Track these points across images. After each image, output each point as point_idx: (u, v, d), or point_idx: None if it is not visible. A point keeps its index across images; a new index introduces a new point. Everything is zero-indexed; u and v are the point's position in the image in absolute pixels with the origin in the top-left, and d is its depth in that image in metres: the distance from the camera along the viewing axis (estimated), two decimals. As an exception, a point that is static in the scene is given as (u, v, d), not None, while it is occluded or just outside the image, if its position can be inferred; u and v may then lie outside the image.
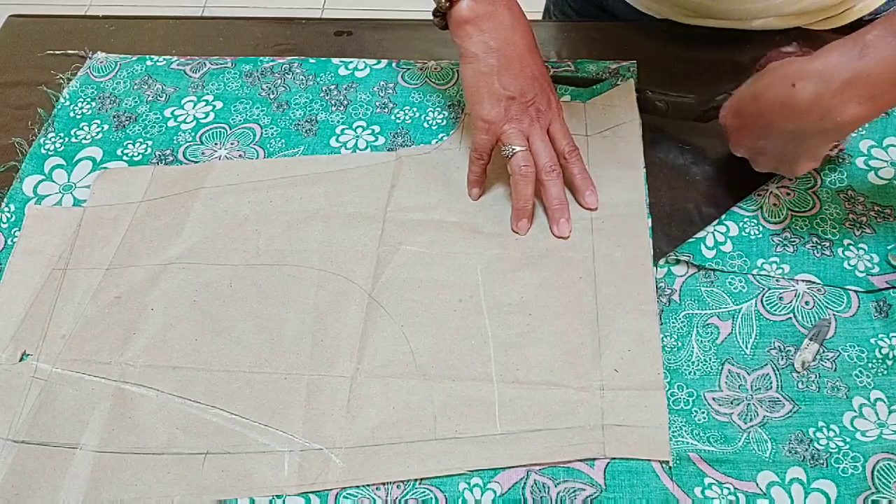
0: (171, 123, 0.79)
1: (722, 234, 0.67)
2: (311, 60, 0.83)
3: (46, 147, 0.77)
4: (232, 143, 0.76)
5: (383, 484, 0.56)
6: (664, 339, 0.62)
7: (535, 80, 0.68)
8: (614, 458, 0.56)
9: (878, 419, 0.57)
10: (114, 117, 0.79)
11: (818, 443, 0.57)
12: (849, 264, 0.65)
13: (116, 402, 0.60)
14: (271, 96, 0.80)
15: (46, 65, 0.84)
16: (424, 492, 0.56)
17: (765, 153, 0.65)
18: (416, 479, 0.56)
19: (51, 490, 0.56)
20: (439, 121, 0.78)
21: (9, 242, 0.70)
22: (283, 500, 0.56)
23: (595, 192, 0.69)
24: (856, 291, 0.64)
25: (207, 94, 0.81)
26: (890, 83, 0.55)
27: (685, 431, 0.57)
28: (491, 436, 0.58)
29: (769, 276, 0.65)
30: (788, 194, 0.69)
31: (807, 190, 0.69)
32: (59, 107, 0.80)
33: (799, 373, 0.60)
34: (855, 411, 0.58)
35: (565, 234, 0.68)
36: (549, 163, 0.68)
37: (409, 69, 0.82)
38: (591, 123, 0.76)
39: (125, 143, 0.77)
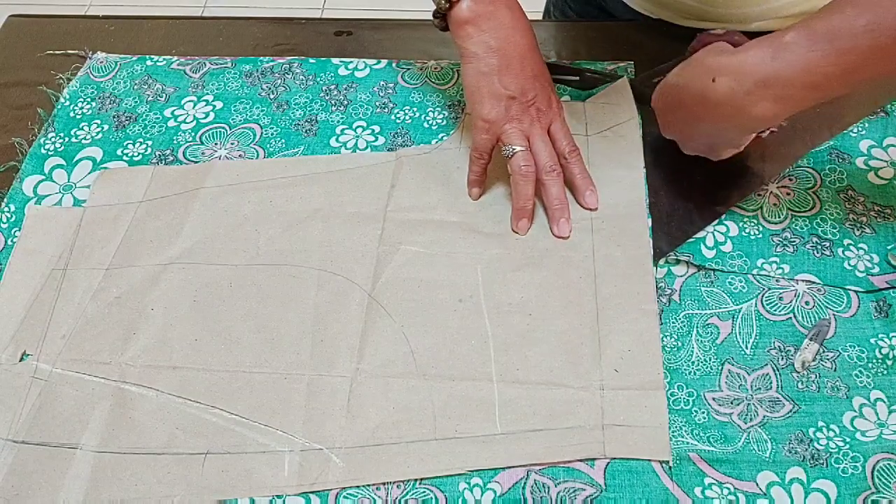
0: (171, 123, 0.79)
1: (722, 234, 0.67)
2: (311, 60, 0.83)
3: (46, 147, 0.77)
4: (232, 143, 0.76)
5: (383, 484, 0.56)
6: (664, 339, 0.62)
7: (535, 80, 0.68)
8: (614, 458, 0.56)
9: (878, 419, 0.57)
10: (114, 117, 0.79)
11: (818, 443, 0.57)
12: (849, 264, 0.65)
13: (116, 402, 0.60)
14: (271, 96, 0.80)
15: (46, 65, 0.84)
16: (424, 492, 0.56)
17: (690, 139, 0.68)
18: (416, 479, 0.56)
19: (51, 490, 0.56)
20: (439, 121, 0.78)
21: (9, 242, 0.70)
22: (284, 501, 0.56)
23: (595, 192, 0.69)
24: (856, 291, 0.64)
25: (207, 94, 0.81)
26: (801, 86, 0.55)
27: (685, 431, 0.57)
28: (491, 436, 0.58)
29: (769, 276, 0.65)
30: (788, 194, 0.69)
31: (807, 190, 0.69)
32: (59, 107, 0.80)
33: (799, 373, 0.60)
34: (855, 411, 0.58)
35: (565, 234, 0.68)
36: (550, 163, 0.68)
37: (409, 69, 0.82)
38: (590, 123, 0.76)
39: (125, 143, 0.77)
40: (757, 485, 0.55)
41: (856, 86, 0.56)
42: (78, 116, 0.79)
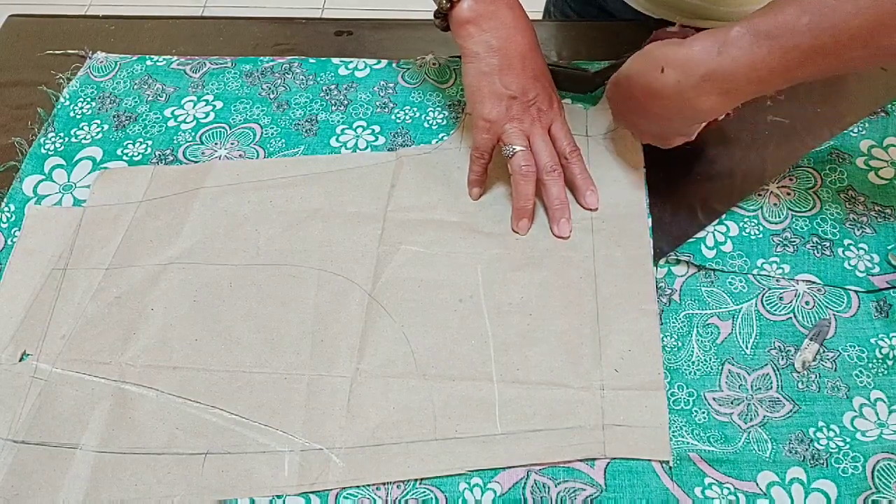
0: (171, 123, 0.79)
1: (722, 234, 0.67)
2: (311, 60, 0.83)
3: (46, 147, 0.77)
4: (232, 143, 0.76)
5: (383, 484, 0.56)
6: (664, 339, 0.62)
7: (536, 80, 0.68)
8: (614, 458, 0.56)
9: (879, 419, 0.57)
10: (114, 117, 0.79)
11: (818, 443, 0.57)
12: (849, 264, 0.65)
13: (116, 402, 0.60)
14: (271, 96, 0.80)
15: (46, 65, 0.84)
16: (424, 492, 0.56)
17: (641, 128, 0.69)
18: (416, 479, 0.56)
19: (51, 490, 0.56)
20: (439, 121, 0.77)
21: (9, 242, 0.70)
22: (284, 501, 0.56)
23: (596, 192, 0.69)
24: (856, 291, 0.64)
25: (207, 93, 0.81)
26: (745, 80, 0.57)
27: (685, 431, 0.57)
28: (491, 436, 0.58)
29: (769, 276, 0.65)
30: (788, 194, 0.69)
31: (807, 190, 0.69)
32: (59, 107, 0.80)
33: (799, 373, 0.60)
34: (855, 411, 0.58)
35: (566, 234, 0.68)
36: (551, 163, 0.68)
37: (409, 69, 0.82)
38: (592, 124, 0.76)
39: (125, 143, 0.77)
40: (757, 485, 0.55)
41: (799, 81, 0.57)
42: (78, 116, 0.79)
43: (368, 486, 0.56)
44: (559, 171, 0.68)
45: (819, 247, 0.66)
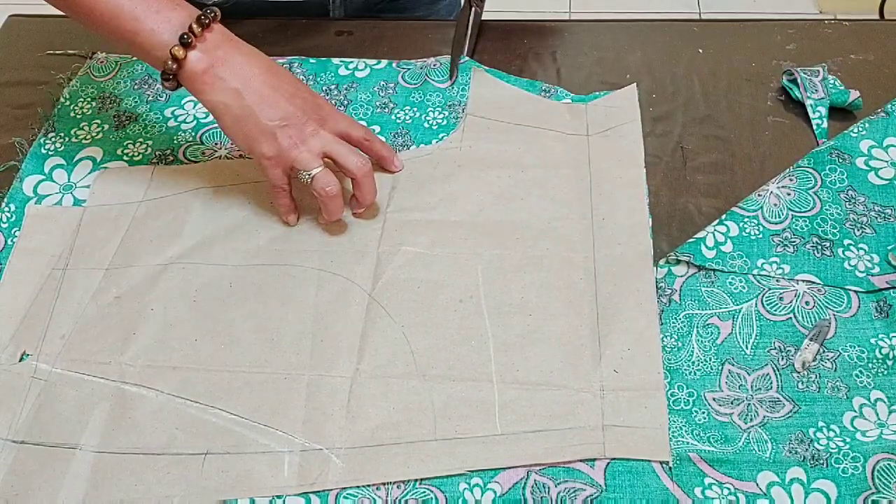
0: (171, 123, 0.79)
1: (722, 234, 0.67)
2: (311, 60, 0.83)
3: (46, 147, 0.77)
4: (232, 143, 0.76)
5: (383, 484, 0.56)
6: (664, 339, 0.62)
7: (294, 98, 0.66)
8: (614, 459, 0.56)
9: (879, 419, 0.57)
10: (114, 117, 0.79)
11: (818, 443, 0.56)
12: (849, 264, 0.65)
13: (116, 402, 0.60)
14: (271, 96, 0.80)
15: (46, 65, 0.84)
16: (424, 492, 0.56)
17: None
18: (416, 480, 0.56)
19: (50, 490, 0.56)
20: (439, 121, 0.77)
21: (9, 242, 0.70)
22: (284, 501, 0.56)
23: (397, 155, 0.72)
24: (856, 291, 0.64)
25: (207, 93, 0.80)
26: None
27: (685, 431, 0.57)
28: (491, 436, 0.57)
29: (769, 276, 0.65)
30: (788, 194, 0.69)
31: (807, 190, 0.69)
32: (59, 107, 0.80)
33: (799, 373, 0.60)
34: (855, 411, 0.58)
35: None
36: (358, 161, 0.66)
37: (409, 69, 0.82)
38: (591, 123, 0.76)
39: (125, 143, 0.77)
40: (757, 485, 0.55)
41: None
42: (78, 116, 0.79)
43: (368, 486, 0.56)
44: (369, 165, 0.67)
45: (819, 247, 0.66)
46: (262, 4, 0.87)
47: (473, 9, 0.83)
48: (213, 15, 0.65)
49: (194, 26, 0.63)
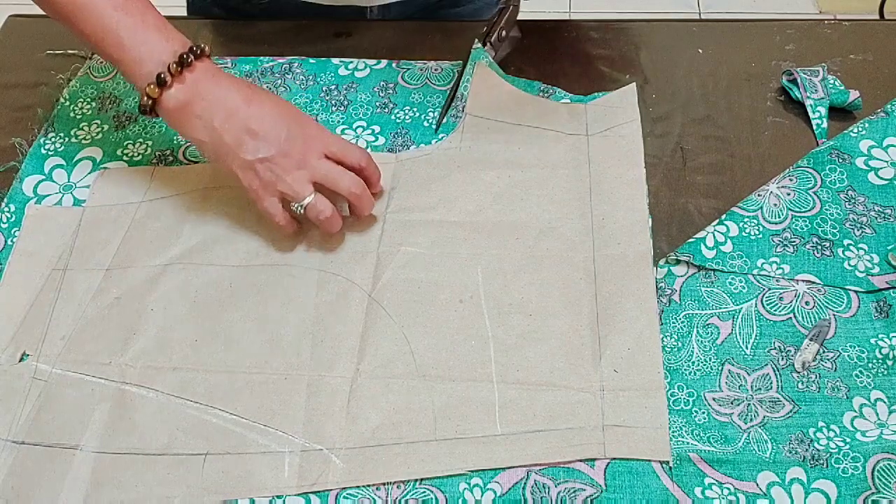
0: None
1: (722, 234, 0.67)
2: (311, 60, 0.83)
3: (46, 147, 0.77)
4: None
5: (383, 484, 0.56)
6: (664, 339, 0.62)
7: (277, 119, 0.64)
8: (615, 459, 0.56)
9: (879, 419, 0.57)
10: (114, 117, 0.79)
11: (818, 443, 0.57)
12: (849, 264, 0.65)
13: (116, 403, 0.60)
14: (271, 96, 0.80)
15: (46, 65, 0.84)
16: (424, 492, 0.56)
17: None
18: (416, 480, 0.56)
19: (51, 491, 0.56)
20: (439, 121, 0.77)
21: (9, 242, 0.70)
22: (284, 500, 0.56)
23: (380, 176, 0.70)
24: (856, 291, 0.64)
25: (207, 94, 0.80)
26: None
27: (685, 432, 0.57)
28: (491, 436, 0.58)
29: (769, 276, 0.65)
30: (788, 194, 0.69)
31: (807, 190, 0.69)
32: (59, 107, 0.80)
33: (799, 373, 0.60)
34: (855, 411, 0.58)
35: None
36: (349, 183, 0.65)
37: (409, 69, 0.82)
38: (591, 123, 0.76)
39: (125, 144, 0.77)
40: (757, 485, 0.55)
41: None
42: (78, 116, 0.79)
43: (368, 486, 0.56)
44: (363, 185, 0.66)
45: (819, 247, 0.66)
46: (299, 5, 0.87)
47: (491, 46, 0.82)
48: (199, 51, 0.64)
49: (173, 66, 0.63)
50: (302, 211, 0.65)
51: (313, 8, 0.85)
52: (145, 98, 0.64)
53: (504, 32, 0.81)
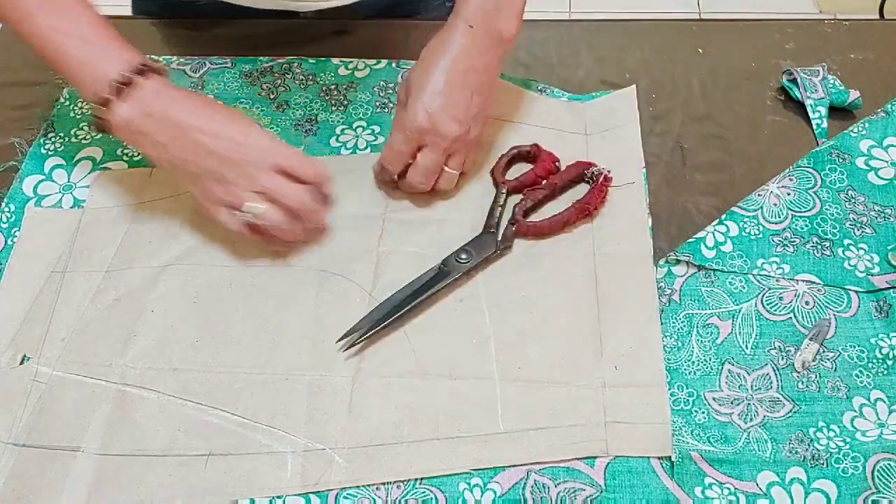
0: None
1: (722, 234, 0.67)
2: (311, 60, 0.83)
3: (46, 147, 0.77)
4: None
5: (383, 484, 0.56)
6: (664, 339, 0.62)
7: (226, 133, 0.63)
8: (617, 456, 0.56)
9: (879, 419, 0.58)
10: (113, 117, 0.79)
11: (818, 443, 0.57)
12: (849, 264, 0.65)
13: (117, 404, 0.60)
14: (271, 96, 0.80)
15: (46, 65, 0.84)
16: (424, 492, 0.56)
17: None
18: (416, 479, 0.56)
19: (52, 494, 0.56)
20: (439, 120, 0.77)
21: (9, 242, 0.70)
22: (284, 500, 0.56)
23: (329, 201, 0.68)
24: (856, 291, 0.64)
25: (207, 93, 0.80)
26: None
27: (685, 431, 0.58)
28: (493, 434, 0.58)
29: (769, 276, 0.65)
30: (788, 194, 0.69)
31: (807, 190, 0.69)
32: (58, 107, 0.80)
33: (799, 373, 0.60)
34: (855, 411, 0.58)
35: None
36: (297, 197, 0.64)
37: (409, 69, 0.82)
38: (590, 123, 0.76)
39: (125, 144, 0.77)
40: (757, 485, 0.55)
41: None
42: (78, 116, 0.79)
43: (368, 486, 0.56)
44: (311, 200, 0.65)
45: (819, 247, 0.66)
46: (234, 7, 0.86)
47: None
48: (145, 68, 0.63)
49: (117, 84, 0.62)
50: (253, 219, 0.64)
51: (248, 10, 0.85)
52: (93, 117, 0.64)
53: None
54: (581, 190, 0.71)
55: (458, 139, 0.67)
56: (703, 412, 0.59)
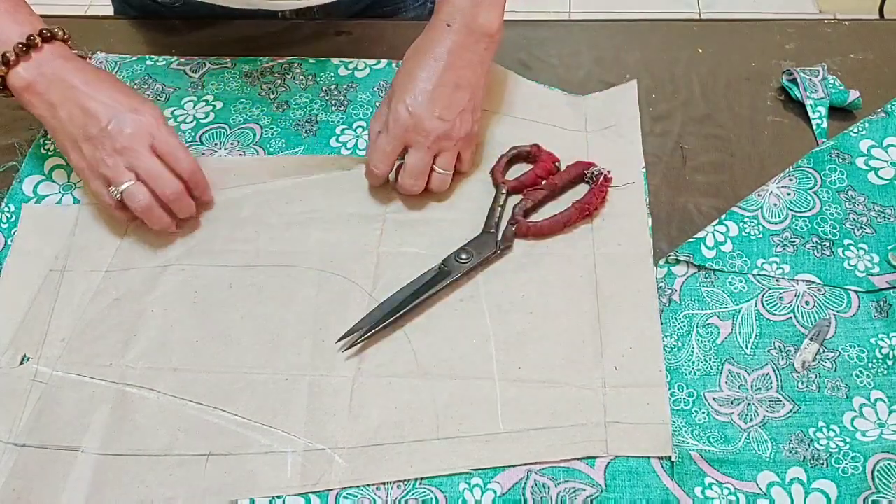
0: (171, 123, 0.78)
1: (722, 234, 0.67)
2: (311, 60, 0.83)
3: (46, 147, 0.77)
4: (232, 143, 0.76)
5: (383, 484, 0.56)
6: (664, 339, 0.62)
7: (112, 102, 0.65)
8: (617, 456, 0.56)
9: (879, 419, 0.58)
10: (113, 117, 0.79)
11: (818, 443, 0.57)
12: (849, 264, 0.65)
13: (117, 404, 0.60)
14: (271, 96, 0.80)
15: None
16: (424, 492, 0.56)
17: None
18: (416, 479, 0.56)
19: (52, 493, 0.56)
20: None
21: (9, 242, 0.70)
22: (283, 500, 0.56)
23: (208, 189, 0.70)
24: (856, 291, 0.64)
25: (207, 93, 0.80)
26: None
27: (685, 431, 0.58)
28: (494, 434, 0.58)
29: (769, 276, 0.65)
30: (788, 194, 0.69)
31: (807, 190, 0.69)
32: (58, 107, 0.80)
33: (799, 373, 0.60)
34: (855, 411, 0.58)
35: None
36: (165, 185, 0.65)
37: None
38: (590, 119, 0.76)
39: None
40: (757, 485, 0.55)
41: None
42: (77, 117, 0.79)
43: (368, 486, 0.56)
44: (179, 191, 0.66)
45: (819, 247, 0.66)
46: (211, 7, 0.86)
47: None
48: (49, 34, 0.66)
49: (18, 46, 0.65)
50: (119, 196, 0.65)
51: (226, 11, 0.86)
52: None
53: None
54: (581, 190, 0.71)
55: (444, 136, 0.67)
56: (703, 412, 0.59)
